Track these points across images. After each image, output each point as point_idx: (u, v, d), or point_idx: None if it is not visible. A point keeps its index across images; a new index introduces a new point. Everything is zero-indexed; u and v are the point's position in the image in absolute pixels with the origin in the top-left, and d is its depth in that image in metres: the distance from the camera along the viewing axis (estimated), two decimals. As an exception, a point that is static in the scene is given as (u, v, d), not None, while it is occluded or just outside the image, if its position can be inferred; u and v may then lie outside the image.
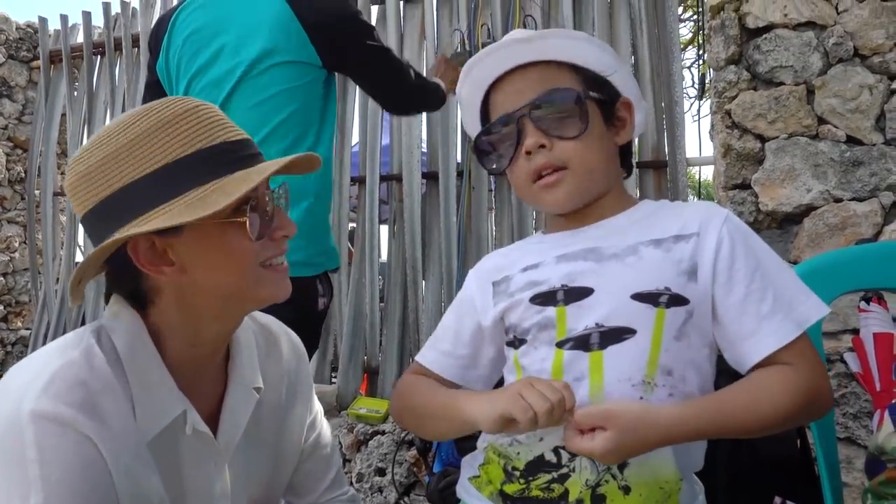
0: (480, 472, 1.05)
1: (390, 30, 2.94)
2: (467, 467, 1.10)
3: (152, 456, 0.88)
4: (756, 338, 0.95)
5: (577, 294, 0.99)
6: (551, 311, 1.00)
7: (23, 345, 4.12)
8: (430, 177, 2.90)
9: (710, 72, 2.09)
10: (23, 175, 4.17)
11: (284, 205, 0.98)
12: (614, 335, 0.96)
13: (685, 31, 5.78)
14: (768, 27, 1.91)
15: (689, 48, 6.11)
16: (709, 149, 2.69)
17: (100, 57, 3.83)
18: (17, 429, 0.78)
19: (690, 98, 3.65)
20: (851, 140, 1.85)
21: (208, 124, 0.88)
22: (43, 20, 4.03)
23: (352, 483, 2.61)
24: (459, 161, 2.86)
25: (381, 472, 2.61)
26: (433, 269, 2.85)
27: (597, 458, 0.91)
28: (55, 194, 3.94)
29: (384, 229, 3.22)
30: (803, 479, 1.36)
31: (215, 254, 0.89)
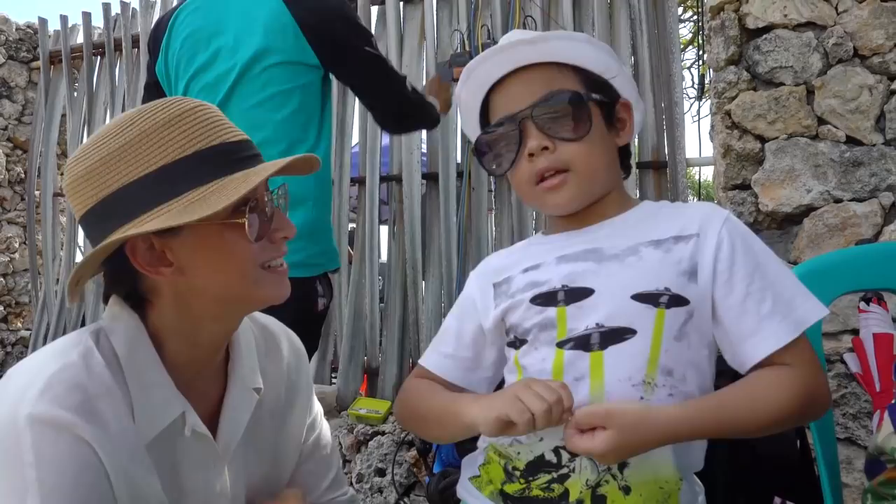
0: (481, 472, 1.06)
1: (390, 31, 2.94)
2: (468, 467, 1.10)
3: (151, 458, 0.88)
4: (756, 338, 0.95)
5: (577, 294, 1.00)
6: (552, 311, 1.01)
7: (23, 345, 4.12)
8: (430, 177, 2.90)
9: (709, 72, 2.09)
10: (23, 176, 4.17)
11: (284, 206, 0.97)
12: (615, 335, 0.96)
13: (685, 32, 5.79)
14: (768, 28, 1.91)
15: (689, 48, 6.12)
16: (709, 149, 2.69)
17: (100, 57, 3.83)
18: (15, 432, 0.78)
19: (690, 98, 3.65)
20: (851, 140, 1.85)
21: (208, 125, 0.88)
22: (43, 21, 4.03)
23: (352, 483, 2.61)
24: (459, 162, 2.86)
25: (380, 472, 2.61)
26: (433, 270, 2.85)
27: (597, 458, 0.91)
28: (55, 195, 3.94)
29: (384, 230, 3.22)
30: (803, 479, 1.36)
31: (214, 255, 0.89)
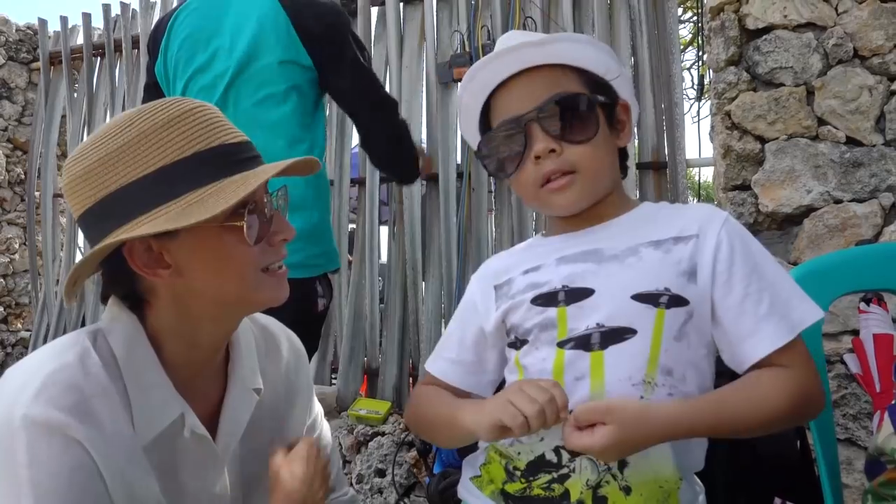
0: (482, 472, 1.06)
1: (390, 31, 2.94)
2: (469, 467, 1.10)
3: (150, 459, 0.88)
4: (754, 339, 0.95)
5: (577, 295, 1.00)
6: (552, 311, 1.01)
7: (23, 346, 4.12)
8: (430, 178, 2.90)
9: (709, 73, 2.09)
10: (23, 177, 4.16)
11: (283, 208, 0.97)
12: (615, 335, 0.96)
13: (685, 33, 5.79)
14: (768, 28, 1.91)
15: (689, 49, 6.12)
16: (708, 150, 2.68)
17: (99, 58, 3.83)
18: (10, 433, 0.78)
19: (690, 99, 3.64)
20: (851, 141, 1.85)
21: (207, 126, 0.88)
22: (43, 22, 4.03)
23: (352, 484, 2.61)
24: (459, 162, 2.86)
25: (381, 473, 2.61)
26: (433, 271, 2.85)
27: (596, 454, 0.91)
28: (55, 196, 3.94)
29: (384, 231, 3.22)
30: (803, 480, 1.36)
31: (212, 258, 0.89)
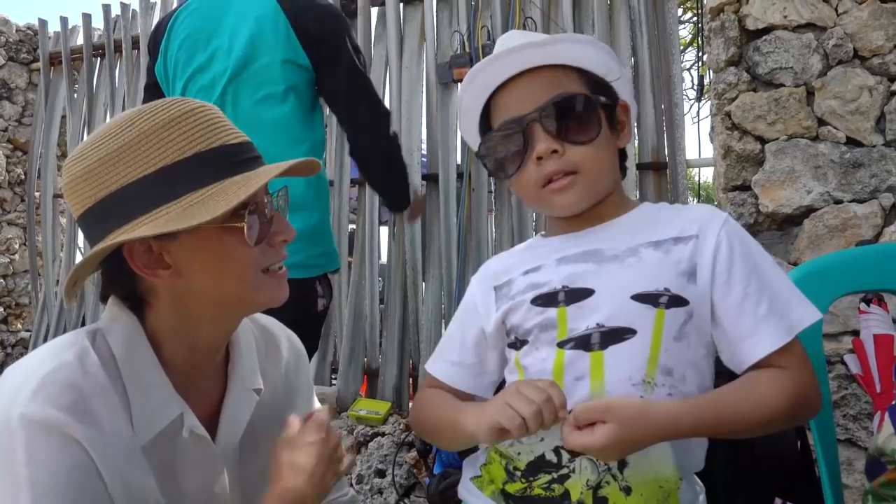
0: (482, 472, 1.06)
1: (390, 32, 2.94)
2: (469, 468, 1.10)
3: (149, 459, 0.88)
4: (753, 339, 0.96)
5: (577, 295, 1.00)
6: (552, 311, 1.01)
7: (23, 346, 4.12)
8: (430, 178, 2.90)
9: (709, 73, 2.09)
10: (23, 177, 4.16)
11: (284, 209, 0.97)
12: (615, 335, 0.96)
13: (685, 33, 5.79)
14: (768, 29, 1.92)
15: (689, 50, 6.12)
16: (708, 150, 2.69)
17: (100, 59, 3.83)
18: (8, 432, 0.78)
19: (690, 100, 3.64)
20: (851, 142, 1.85)
21: (208, 126, 0.87)
22: (43, 22, 4.03)
23: (351, 484, 2.61)
24: (459, 163, 2.86)
25: (381, 473, 2.61)
26: (433, 271, 2.85)
27: (596, 453, 0.90)
28: (55, 196, 3.94)
29: (384, 231, 3.22)
30: (804, 480, 1.36)
31: (212, 259, 0.89)
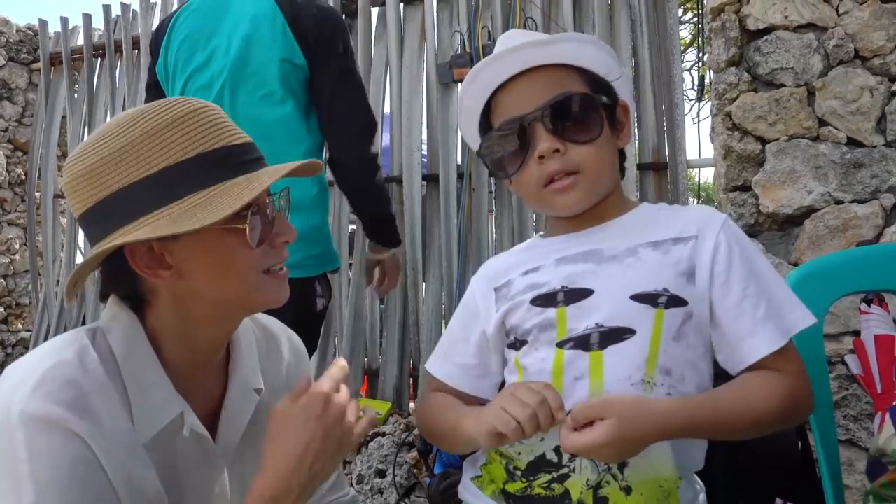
0: (483, 472, 1.06)
1: (390, 32, 2.94)
2: (469, 468, 1.10)
3: (149, 456, 0.88)
4: (752, 340, 0.96)
5: (577, 295, 1.00)
6: (552, 312, 1.01)
7: (23, 346, 4.12)
8: (431, 179, 2.90)
9: (710, 74, 2.09)
10: (23, 177, 4.16)
11: (285, 209, 0.97)
12: (614, 335, 0.96)
13: (685, 34, 5.78)
14: (769, 29, 1.91)
15: (690, 50, 6.11)
16: (709, 151, 2.68)
17: (100, 59, 3.83)
18: (8, 429, 0.78)
19: (691, 100, 3.64)
20: (852, 142, 1.85)
21: (211, 127, 0.87)
22: (43, 22, 4.03)
23: (352, 484, 2.61)
24: (460, 163, 2.86)
25: (381, 473, 2.61)
26: (434, 271, 2.85)
27: (596, 452, 0.88)
28: (55, 196, 3.94)
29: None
30: (804, 481, 1.36)
31: (214, 260, 0.89)
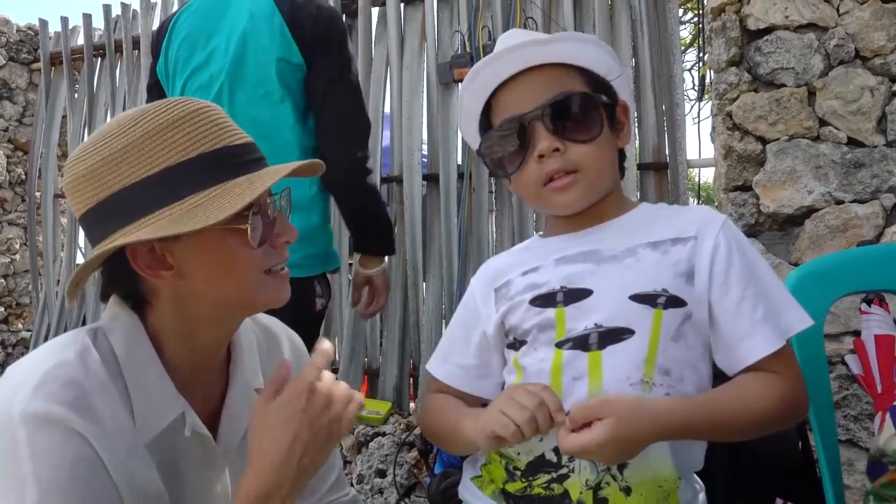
0: (482, 472, 1.06)
1: (391, 32, 2.94)
2: (469, 468, 1.10)
3: (151, 456, 0.88)
4: (751, 341, 0.96)
5: (576, 295, 1.00)
6: (551, 312, 1.01)
7: (24, 346, 4.12)
8: (431, 179, 2.90)
9: (710, 74, 2.09)
10: (23, 177, 4.16)
11: (286, 209, 0.97)
12: (613, 335, 0.96)
13: (686, 34, 5.78)
14: (769, 29, 1.91)
15: (690, 50, 6.11)
16: (709, 151, 2.68)
17: (100, 59, 3.83)
18: (10, 429, 0.78)
19: (691, 100, 3.64)
20: (853, 142, 1.85)
21: (212, 127, 0.87)
22: (43, 22, 4.03)
23: (352, 484, 2.61)
24: (460, 163, 2.86)
25: (381, 473, 2.61)
26: (434, 271, 2.85)
27: (595, 452, 0.88)
28: (56, 196, 3.94)
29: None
30: (805, 481, 1.36)
31: (215, 260, 0.89)
